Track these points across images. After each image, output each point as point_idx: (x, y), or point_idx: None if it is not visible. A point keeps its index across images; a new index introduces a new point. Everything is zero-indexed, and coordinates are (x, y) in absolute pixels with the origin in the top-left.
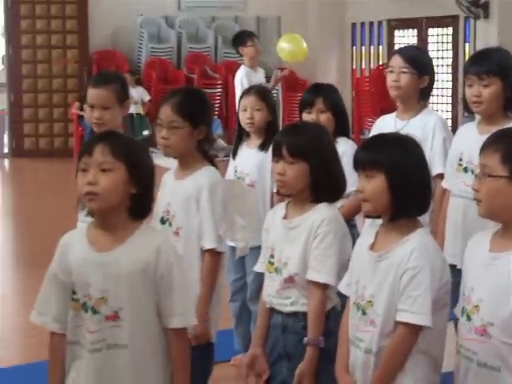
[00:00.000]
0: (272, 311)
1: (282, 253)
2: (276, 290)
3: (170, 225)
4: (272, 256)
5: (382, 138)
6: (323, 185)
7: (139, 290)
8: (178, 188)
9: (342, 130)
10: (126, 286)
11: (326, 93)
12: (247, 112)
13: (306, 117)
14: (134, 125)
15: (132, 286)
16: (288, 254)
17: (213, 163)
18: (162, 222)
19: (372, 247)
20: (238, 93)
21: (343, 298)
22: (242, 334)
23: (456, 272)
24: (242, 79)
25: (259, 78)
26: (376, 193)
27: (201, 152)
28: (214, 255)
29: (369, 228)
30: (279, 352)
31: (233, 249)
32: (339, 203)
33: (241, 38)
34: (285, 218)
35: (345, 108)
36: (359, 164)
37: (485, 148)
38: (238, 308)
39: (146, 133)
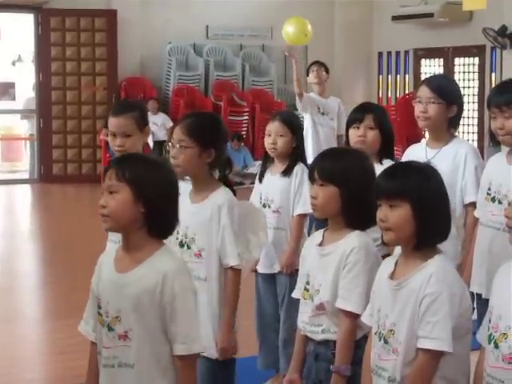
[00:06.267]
0: (307, 338)
1: (315, 279)
2: (308, 316)
3: (189, 247)
4: (307, 283)
5: (402, 167)
6: (354, 211)
7: (147, 314)
8: (196, 211)
9: (387, 151)
10: (134, 308)
11: (376, 111)
12: (271, 137)
13: (352, 133)
14: (163, 151)
15: (140, 308)
16: (320, 281)
17: (229, 186)
18: (181, 245)
19: (392, 276)
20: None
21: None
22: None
23: (483, 302)
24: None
25: (329, 105)
26: (401, 222)
27: (219, 175)
28: (237, 272)
29: (389, 257)
30: (313, 379)
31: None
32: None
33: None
34: (320, 244)
35: (393, 130)
36: (382, 193)
37: None
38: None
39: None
